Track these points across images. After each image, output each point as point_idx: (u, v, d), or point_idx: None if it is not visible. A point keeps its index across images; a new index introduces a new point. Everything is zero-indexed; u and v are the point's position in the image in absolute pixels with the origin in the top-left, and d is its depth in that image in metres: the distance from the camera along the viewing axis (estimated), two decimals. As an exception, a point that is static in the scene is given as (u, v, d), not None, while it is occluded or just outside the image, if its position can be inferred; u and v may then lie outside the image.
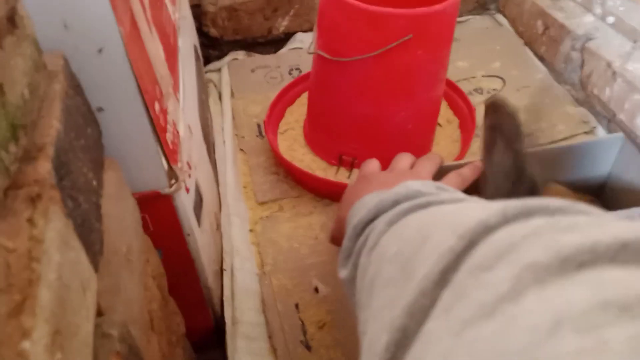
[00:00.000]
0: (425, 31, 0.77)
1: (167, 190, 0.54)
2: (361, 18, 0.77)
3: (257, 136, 1.04)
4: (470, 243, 0.25)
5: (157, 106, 0.51)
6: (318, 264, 0.81)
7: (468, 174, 0.63)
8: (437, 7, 0.76)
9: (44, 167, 0.32)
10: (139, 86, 0.47)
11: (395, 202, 0.41)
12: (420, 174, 0.58)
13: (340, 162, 0.95)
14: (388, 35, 0.77)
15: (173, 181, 0.54)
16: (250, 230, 0.88)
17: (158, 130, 0.50)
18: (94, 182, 0.41)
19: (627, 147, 0.78)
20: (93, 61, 0.44)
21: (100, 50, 0.44)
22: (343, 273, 0.45)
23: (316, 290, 0.77)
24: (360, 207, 0.47)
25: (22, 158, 0.32)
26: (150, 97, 0.49)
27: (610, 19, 1.04)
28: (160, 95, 0.54)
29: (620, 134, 0.81)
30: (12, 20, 0.34)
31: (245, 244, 0.85)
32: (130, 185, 0.51)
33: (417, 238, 0.30)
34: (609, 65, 0.97)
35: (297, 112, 1.06)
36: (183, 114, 0.63)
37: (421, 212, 0.37)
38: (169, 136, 0.54)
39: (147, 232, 0.56)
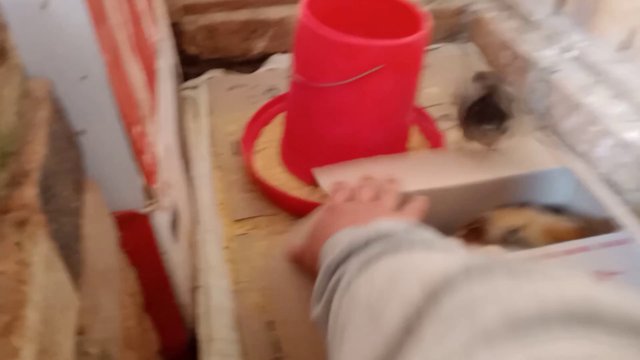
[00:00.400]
0: (396, 61, 0.81)
1: (144, 210, 0.55)
2: (335, 48, 0.80)
3: (233, 154, 1.06)
4: (433, 296, 0.27)
5: (136, 129, 0.53)
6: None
7: (421, 206, 0.63)
8: (407, 38, 0.80)
9: (31, 192, 0.33)
10: (119, 111, 0.49)
11: (367, 242, 0.42)
12: (386, 207, 0.58)
13: (315, 181, 0.97)
14: (361, 65, 0.80)
15: (150, 201, 0.56)
16: (226, 248, 0.90)
17: (136, 152, 0.52)
18: (76, 204, 0.43)
19: (575, 178, 0.83)
20: (76, 87, 0.46)
21: (83, 78, 0.46)
22: (315, 311, 0.46)
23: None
24: (333, 246, 0.47)
25: (10, 183, 0.33)
26: (129, 120, 0.51)
27: (574, 53, 1.10)
28: (139, 118, 0.56)
29: (566, 168, 0.86)
30: (2, 52, 0.36)
31: (220, 261, 0.87)
32: (109, 205, 0.53)
33: (385, 288, 0.32)
34: (570, 97, 1.02)
35: (274, 132, 1.09)
36: (161, 135, 0.65)
37: (391, 258, 0.38)
38: (147, 157, 0.56)
39: (123, 250, 0.58)
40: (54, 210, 0.37)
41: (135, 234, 0.58)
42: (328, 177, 0.80)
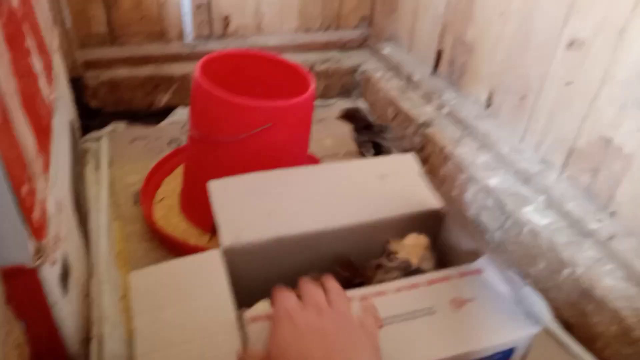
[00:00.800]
0: (284, 119, 0.90)
1: (31, 265, 0.58)
2: (228, 107, 0.88)
3: (134, 204, 1.09)
4: None
5: (24, 188, 0.56)
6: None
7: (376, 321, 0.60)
8: (293, 100, 0.89)
9: None
10: (6, 172, 0.52)
11: None
12: (342, 311, 0.54)
13: (213, 231, 1.02)
14: (252, 123, 0.88)
15: (39, 255, 0.58)
16: (122, 297, 0.91)
17: (24, 210, 0.55)
18: (-43, 262, 0.45)
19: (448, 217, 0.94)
20: (-37, 151, 0.48)
21: (-29, 142, 0.49)
22: None
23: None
24: None
25: None
26: (17, 181, 0.54)
27: (446, 110, 1.25)
28: (28, 177, 0.59)
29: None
30: None
31: (115, 311, 0.88)
32: (-5, 261, 0.55)
33: None
34: (442, 149, 1.16)
35: (174, 183, 1.13)
36: (53, 190, 0.68)
37: None
38: (35, 214, 0.59)
39: (11, 303, 0.59)
40: None
41: (23, 288, 0.59)
42: (222, 190, 0.83)
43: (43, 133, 0.71)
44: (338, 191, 0.89)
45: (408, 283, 0.70)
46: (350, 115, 1.12)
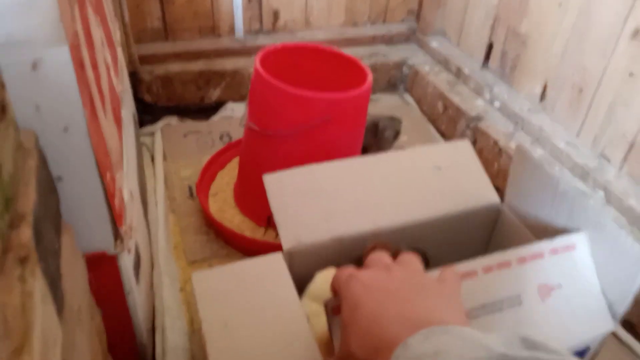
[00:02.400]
0: (343, 112, 0.90)
1: (113, 251, 0.59)
2: (287, 99, 0.88)
3: (188, 198, 1.10)
4: None
5: (108, 175, 0.58)
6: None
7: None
8: (352, 92, 0.89)
9: (27, 233, 0.38)
10: (95, 158, 0.53)
11: None
12: (413, 268, 0.47)
13: (268, 223, 1.03)
14: (310, 115, 0.88)
15: (118, 242, 0.60)
16: (181, 290, 0.93)
17: (109, 196, 0.57)
18: (56, 245, 0.46)
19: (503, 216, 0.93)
20: (58, 138, 0.50)
21: (65, 129, 0.50)
22: None
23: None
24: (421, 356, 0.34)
25: (10, 225, 0.38)
26: (103, 167, 0.56)
27: (497, 104, 1.24)
28: (110, 165, 0.60)
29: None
30: (2, 108, 0.40)
31: (175, 302, 0.90)
32: (80, 247, 0.56)
33: None
34: (495, 143, 1.14)
35: (228, 176, 1.14)
36: (126, 180, 0.69)
37: None
38: (116, 201, 0.60)
39: (92, 290, 0.61)
40: (43, 249, 0.41)
41: (103, 275, 0.61)
42: (278, 185, 0.83)
43: (117, 123, 0.72)
44: (395, 184, 0.88)
45: (498, 260, 0.67)
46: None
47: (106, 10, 0.89)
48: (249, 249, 0.99)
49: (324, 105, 0.88)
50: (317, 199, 0.85)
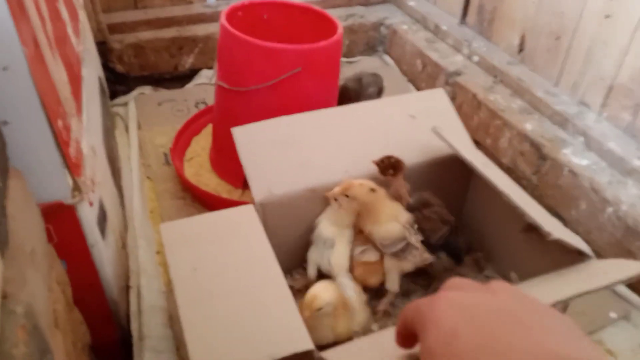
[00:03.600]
0: (313, 64, 0.88)
1: (70, 201, 0.57)
2: (256, 52, 0.86)
3: (163, 164, 1.09)
4: None
5: (60, 122, 0.56)
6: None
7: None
8: (322, 43, 0.87)
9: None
10: (42, 102, 0.51)
11: None
12: (515, 290, 0.34)
13: (244, 184, 1.01)
14: (280, 68, 0.86)
15: (76, 192, 0.58)
16: (158, 252, 0.92)
17: (61, 143, 0.55)
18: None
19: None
20: (-1, 77, 0.48)
21: (4, 68, 0.48)
22: None
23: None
24: None
25: None
26: (53, 113, 0.54)
27: (476, 58, 1.22)
28: (63, 113, 0.58)
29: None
30: None
31: (152, 264, 0.88)
32: (36, 196, 0.55)
33: None
34: (474, 96, 1.12)
35: (204, 141, 1.12)
36: (87, 135, 0.67)
37: None
38: (71, 151, 0.58)
39: (51, 242, 0.59)
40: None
41: (63, 226, 0.60)
42: (248, 138, 0.81)
43: (74, 78, 0.70)
44: (369, 134, 0.86)
45: None
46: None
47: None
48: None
49: (293, 56, 0.86)
50: (288, 150, 0.83)
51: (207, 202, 0.98)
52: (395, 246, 0.74)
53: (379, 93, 1.10)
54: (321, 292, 0.69)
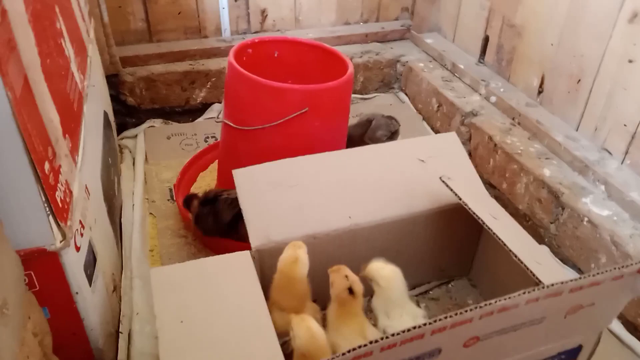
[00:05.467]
0: (321, 104, 0.85)
1: (53, 247, 0.55)
2: (262, 91, 0.84)
3: (168, 200, 1.06)
4: None
5: (47, 166, 0.54)
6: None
7: None
8: (330, 83, 0.84)
9: None
10: (26, 145, 0.49)
11: None
12: None
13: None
14: (287, 107, 0.84)
15: (61, 238, 0.56)
16: (155, 293, 0.88)
17: (46, 188, 0.53)
18: (-32, 235, 0.42)
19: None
20: (-22, 121, 0.46)
21: (-14, 112, 0.46)
22: None
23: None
24: None
25: None
26: (39, 156, 0.52)
27: (493, 99, 1.18)
28: (52, 155, 0.56)
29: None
30: None
31: (147, 306, 0.85)
32: (16, 242, 0.52)
33: None
34: (490, 138, 1.08)
35: (209, 177, 1.10)
36: (80, 175, 0.65)
37: None
38: (58, 194, 0.56)
39: (32, 289, 0.57)
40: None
41: (45, 272, 0.57)
42: (248, 180, 0.78)
43: (72, 116, 0.69)
44: (375, 178, 0.82)
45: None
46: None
47: (74, 5, 0.86)
48: (226, 250, 0.94)
49: (300, 96, 0.84)
50: (290, 193, 0.80)
51: (206, 242, 0.95)
52: None
53: (390, 137, 1.05)
54: None
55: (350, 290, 0.66)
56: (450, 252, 0.83)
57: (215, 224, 0.90)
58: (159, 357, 0.77)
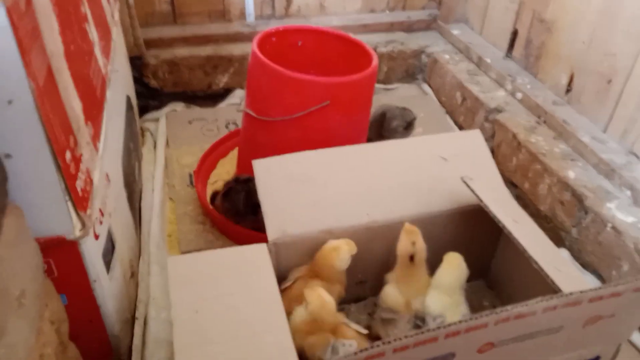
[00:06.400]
0: (342, 98, 0.84)
1: (72, 236, 0.55)
2: (284, 83, 0.83)
3: (187, 186, 1.07)
4: None
5: (68, 155, 0.54)
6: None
7: None
8: (352, 76, 0.83)
9: None
10: (47, 135, 0.49)
11: None
12: None
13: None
14: (308, 100, 0.83)
15: (80, 227, 0.56)
16: (171, 279, 0.89)
17: (67, 177, 0.53)
18: (-11, 226, 0.43)
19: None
20: (2, 111, 0.46)
21: (10, 102, 0.46)
22: None
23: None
24: None
25: None
26: (60, 146, 0.52)
27: (519, 95, 1.15)
28: (74, 144, 0.56)
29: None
30: None
31: (164, 292, 0.86)
32: (36, 230, 0.53)
33: None
34: (514, 136, 1.06)
35: (229, 165, 1.10)
36: (101, 163, 0.66)
37: None
38: (79, 183, 0.56)
39: (50, 276, 0.57)
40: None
41: (64, 261, 0.58)
42: (268, 171, 0.78)
43: (94, 102, 0.69)
44: (395, 175, 0.81)
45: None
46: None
47: (99, -13, 0.86)
48: (245, 239, 0.94)
49: (321, 89, 0.83)
50: (308, 187, 0.80)
51: (224, 229, 0.96)
52: None
53: (406, 127, 1.05)
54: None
55: (411, 258, 0.72)
56: (468, 253, 0.82)
57: (246, 201, 0.91)
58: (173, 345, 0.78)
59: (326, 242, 0.74)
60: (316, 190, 0.77)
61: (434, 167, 0.82)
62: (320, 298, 0.68)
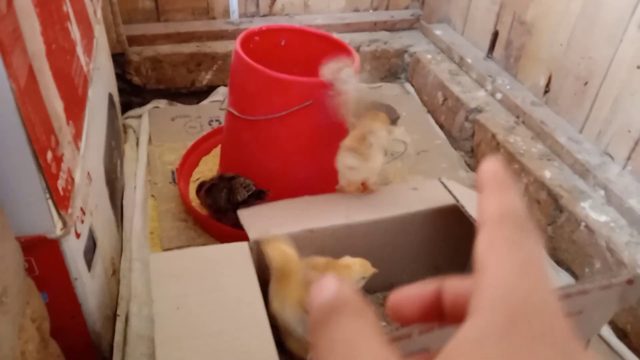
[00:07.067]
0: (324, 97, 0.85)
1: (53, 235, 0.56)
2: (266, 82, 0.84)
3: (170, 183, 1.07)
4: None
5: (49, 155, 0.54)
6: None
7: None
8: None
9: None
10: (29, 136, 0.50)
11: None
12: None
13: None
14: (291, 100, 0.84)
15: (61, 226, 0.56)
16: (153, 276, 0.90)
17: (48, 177, 0.53)
18: (-30, 226, 0.43)
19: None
20: (-17, 111, 0.47)
21: (-10, 102, 0.47)
22: None
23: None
24: None
25: None
26: (41, 146, 0.52)
27: (499, 95, 1.17)
28: (55, 144, 0.57)
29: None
30: None
31: (146, 289, 0.86)
32: (17, 229, 0.53)
33: None
34: (494, 137, 1.08)
35: (212, 162, 1.11)
36: (82, 162, 0.66)
37: None
38: (60, 183, 0.57)
39: (32, 275, 0.58)
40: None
41: (45, 259, 0.58)
42: (252, 220, 0.78)
43: (76, 101, 0.69)
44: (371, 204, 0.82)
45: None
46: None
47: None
48: (225, 237, 0.95)
49: (304, 89, 0.84)
50: (290, 216, 0.80)
51: (206, 227, 0.97)
52: None
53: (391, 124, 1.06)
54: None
55: None
56: (446, 250, 0.84)
57: (227, 198, 0.91)
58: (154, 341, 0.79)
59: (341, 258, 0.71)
60: (297, 216, 0.79)
61: (406, 193, 0.84)
62: (282, 252, 0.65)
